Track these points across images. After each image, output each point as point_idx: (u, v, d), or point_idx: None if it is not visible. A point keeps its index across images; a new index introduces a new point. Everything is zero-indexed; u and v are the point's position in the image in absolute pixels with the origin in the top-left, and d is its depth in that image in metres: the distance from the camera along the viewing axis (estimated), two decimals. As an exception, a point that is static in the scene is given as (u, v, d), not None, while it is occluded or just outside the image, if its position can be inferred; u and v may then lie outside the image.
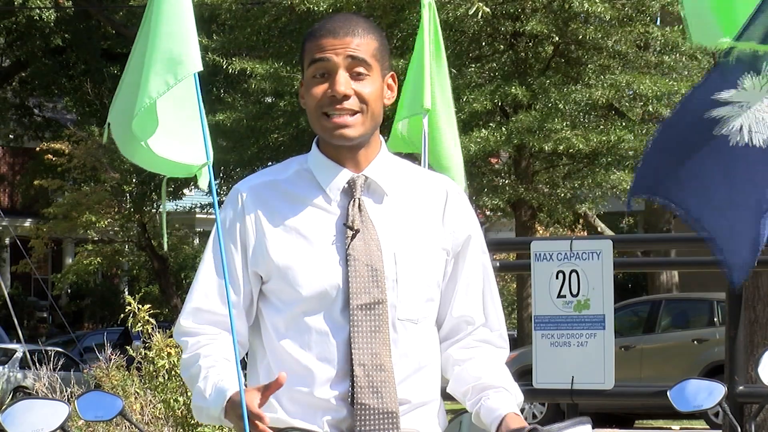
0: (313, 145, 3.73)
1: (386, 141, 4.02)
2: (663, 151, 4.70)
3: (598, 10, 21.40)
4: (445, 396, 3.77)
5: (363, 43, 3.66)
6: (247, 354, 3.79)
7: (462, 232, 3.74)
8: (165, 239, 10.38)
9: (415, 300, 3.66)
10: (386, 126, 5.89)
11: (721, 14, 4.69)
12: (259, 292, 3.70)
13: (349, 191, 3.67)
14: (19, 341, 26.30)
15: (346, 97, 3.61)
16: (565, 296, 7.69)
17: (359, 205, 3.66)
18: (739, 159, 4.59)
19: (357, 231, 3.63)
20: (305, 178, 3.70)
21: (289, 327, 3.66)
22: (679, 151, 4.66)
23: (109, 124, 5.48)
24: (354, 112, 3.62)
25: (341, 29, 3.67)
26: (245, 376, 3.79)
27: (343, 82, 3.61)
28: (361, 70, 3.64)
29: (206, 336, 3.67)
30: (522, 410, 3.63)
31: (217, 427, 9.29)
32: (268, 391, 3.46)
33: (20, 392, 24.04)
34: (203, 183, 5.53)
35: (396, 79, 3.81)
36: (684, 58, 21.50)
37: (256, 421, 3.41)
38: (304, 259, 3.64)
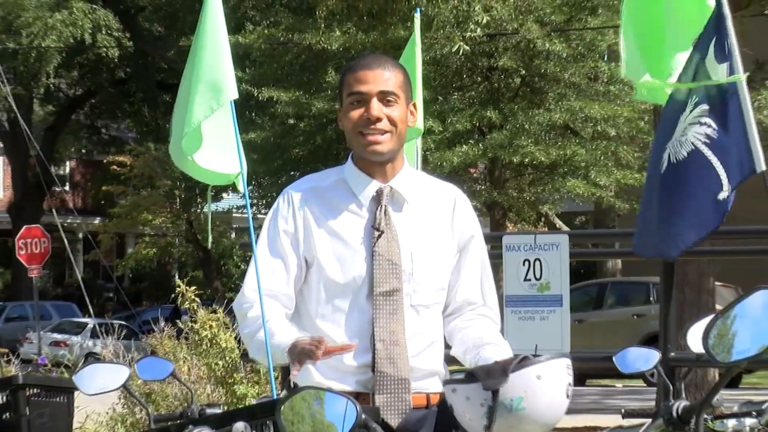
0: (349, 159, 3.74)
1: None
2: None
3: (557, 48, 21.40)
4: (450, 360, 3.76)
5: (392, 76, 3.68)
6: None
7: (467, 232, 3.75)
8: (209, 237, 10.40)
9: (427, 289, 3.67)
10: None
11: (648, 57, 4.68)
12: (304, 276, 3.71)
13: (377, 199, 3.67)
14: (90, 316, 26.27)
15: (379, 119, 3.62)
16: (530, 280, 7.68)
17: (385, 210, 3.67)
18: (668, 177, 4.56)
19: (382, 232, 3.64)
20: (342, 187, 3.71)
21: (324, 307, 3.67)
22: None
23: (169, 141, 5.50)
24: (384, 132, 3.63)
25: (375, 65, 3.69)
26: None
27: (377, 107, 3.62)
28: (390, 98, 3.65)
29: (272, 304, 3.68)
30: None
31: (249, 384, 9.28)
32: (337, 348, 3.45)
33: (91, 357, 24.00)
34: (239, 189, 5.53)
35: (416, 107, 3.84)
36: (626, 88, 21.42)
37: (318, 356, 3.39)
38: (338, 253, 3.65)
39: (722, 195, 4.50)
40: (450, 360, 3.77)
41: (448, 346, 3.79)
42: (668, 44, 4.61)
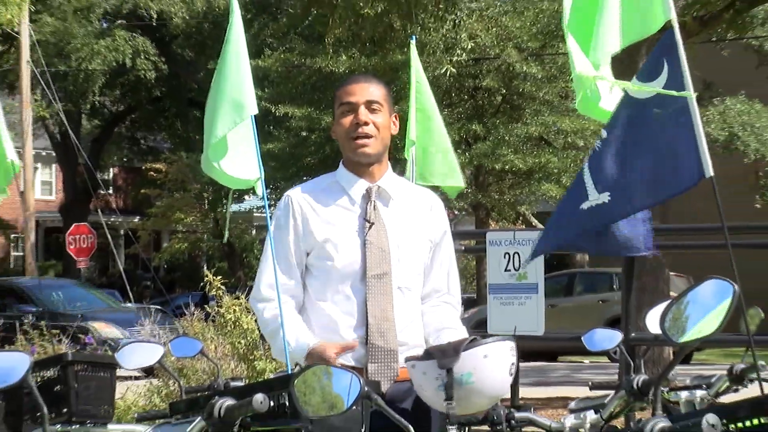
0: (340, 164, 3.77)
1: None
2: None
3: (533, 71, 21.37)
4: None
5: (376, 89, 3.72)
6: None
7: (440, 230, 3.79)
8: (226, 233, 10.43)
9: (410, 273, 3.70)
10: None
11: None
12: (305, 266, 3.73)
13: (367, 196, 3.70)
14: (130, 301, 26.20)
15: (366, 123, 3.67)
16: (510, 270, 7.67)
17: (374, 205, 3.69)
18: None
19: (373, 224, 3.67)
20: (335, 188, 3.74)
21: (324, 290, 3.69)
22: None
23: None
24: (370, 136, 3.67)
25: (362, 80, 3.77)
26: None
27: (364, 113, 3.67)
28: (375, 107, 3.69)
29: (275, 302, 3.70)
30: None
31: (267, 360, 9.27)
32: (343, 347, 3.56)
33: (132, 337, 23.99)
34: (258, 192, 5.52)
35: (398, 118, 3.86)
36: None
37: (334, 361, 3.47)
38: (335, 242, 3.67)
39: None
40: None
41: None
42: (600, 41, 4.48)
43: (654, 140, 4.24)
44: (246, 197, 32.45)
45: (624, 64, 6.95)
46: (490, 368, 3.13)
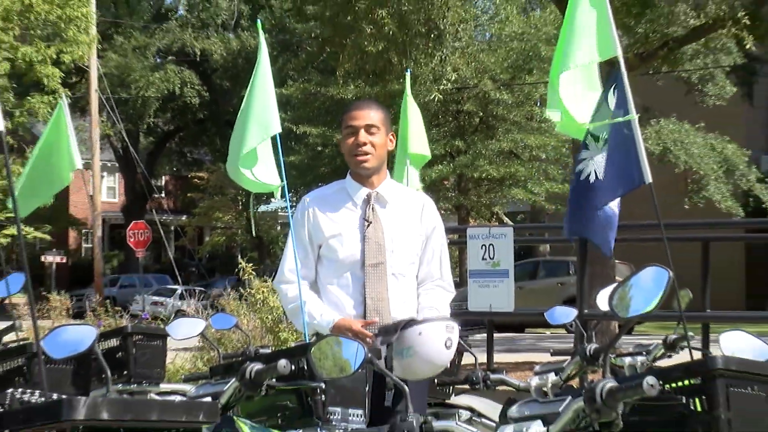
0: (348, 173, 3.74)
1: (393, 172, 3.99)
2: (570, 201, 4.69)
3: (504, 98, 21.45)
4: None
5: (375, 114, 3.67)
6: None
7: (431, 225, 3.74)
8: (253, 228, 10.55)
9: (402, 262, 3.66)
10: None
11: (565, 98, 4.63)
12: (317, 257, 3.70)
13: (367, 200, 3.67)
14: (178, 284, 26.23)
15: (364, 144, 3.63)
16: (486, 259, 7.64)
17: (372, 208, 3.66)
18: (592, 189, 4.54)
19: (370, 223, 3.64)
20: (342, 193, 3.71)
21: (332, 276, 3.67)
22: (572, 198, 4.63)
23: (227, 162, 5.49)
24: (367, 153, 3.63)
25: (363, 107, 3.71)
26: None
27: (363, 136, 3.63)
28: (373, 130, 3.64)
29: (296, 284, 3.70)
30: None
31: (289, 332, 9.26)
32: (366, 323, 3.54)
33: (179, 313, 23.97)
34: (280, 195, 5.51)
35: (395, 135, 3.82)
36: (553, 124, 21.39)
37: (364, 334, 3.45)
38: (340, 237, 3.64)
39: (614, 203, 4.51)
40: None
41: None
42: (582, 87, 4.57)
43: (610, 153, 4.27)
44: (272, 200, 32.43)
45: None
46: (426, 343, 3.08)
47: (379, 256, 3.61)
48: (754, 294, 22.49)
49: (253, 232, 21.09)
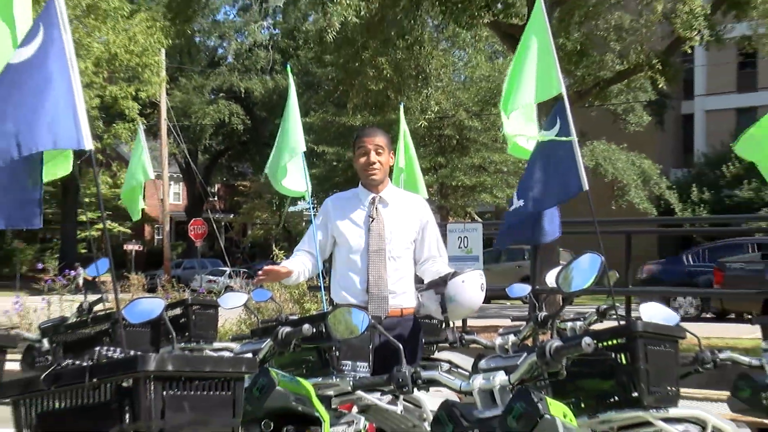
0: (359, 183, 3.71)
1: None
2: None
3: (475, 125, 21.45)
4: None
5: (381, 138, 3.66)
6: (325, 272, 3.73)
7: (425, 218, 3.71)
8: (281, 222, 10.46)
9: (399, 248, 3.62)
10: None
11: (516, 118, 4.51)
12: (333, 244, 3.68)
13: (372, 202, 3.65)
14: (227, 266, 26.18)
15: (374, 162, 3.61)
16: (461, 248, 7.65)
17: (376, 208, 3.64)
18: (525, 211, 4.39)
19: (374, 219, 3.62)
20: (355, 197, 3.69)
21: (344, 260, 3.64)
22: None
23: (266, 173, 5.48)
24: (376, 169, 3.61)
25: (372, 133, 3.67)
26: (329, 281, 3.84)
27: (373, 156, 3.61)
28: (380, 150, 3.63)
29: (299, 254, 3.70)
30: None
31: (312, 302, 9.24)
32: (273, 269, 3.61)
33: (228, 289, 23.89)
34: (306, 198, 5.49)
35: (393, 154, 3.80)
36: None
37: (267, 268, 3.57)
38: (351, 231, 3.62)
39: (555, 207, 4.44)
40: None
41: (420, 281, 3.74)
42: (525, 112, 4.46)
43: (553, 166, 4.24)
44: (299, 202, 32.41)
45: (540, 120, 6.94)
46: (467, 289, 3.12)
47: (380, 244, 3.59)
48: (664, 274, 22.46)
49: (281, 225, 21.00)
